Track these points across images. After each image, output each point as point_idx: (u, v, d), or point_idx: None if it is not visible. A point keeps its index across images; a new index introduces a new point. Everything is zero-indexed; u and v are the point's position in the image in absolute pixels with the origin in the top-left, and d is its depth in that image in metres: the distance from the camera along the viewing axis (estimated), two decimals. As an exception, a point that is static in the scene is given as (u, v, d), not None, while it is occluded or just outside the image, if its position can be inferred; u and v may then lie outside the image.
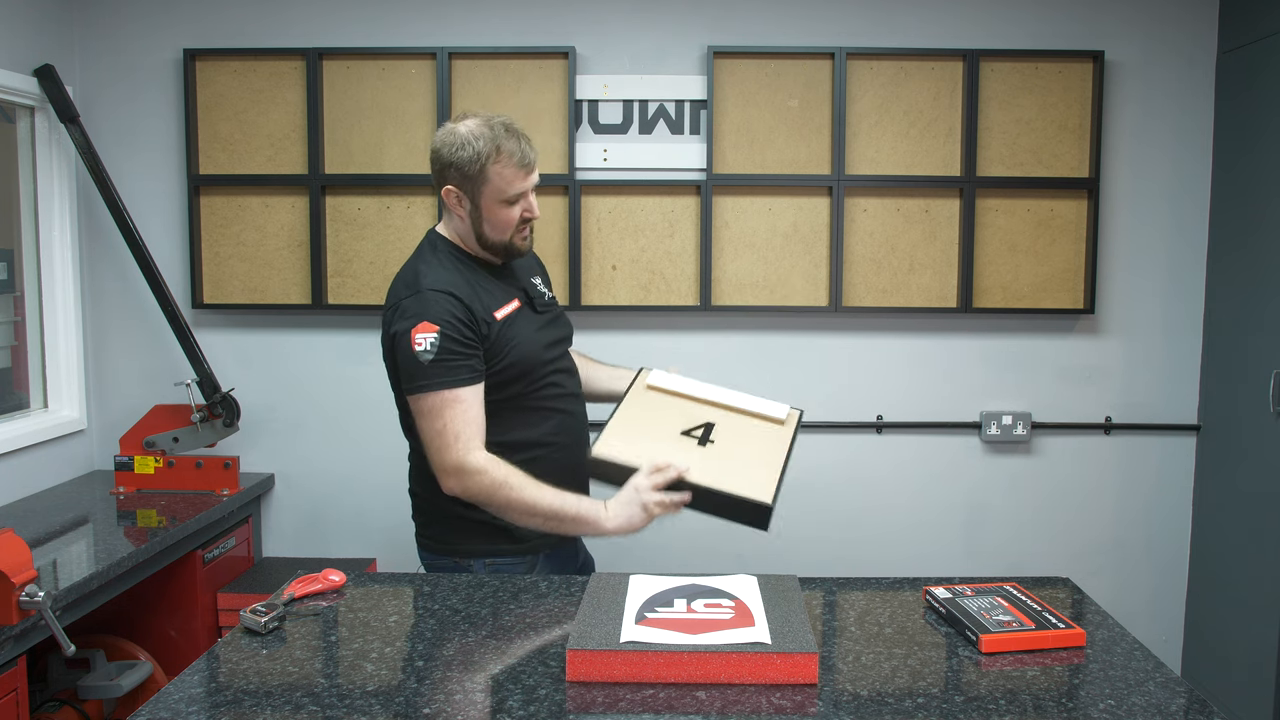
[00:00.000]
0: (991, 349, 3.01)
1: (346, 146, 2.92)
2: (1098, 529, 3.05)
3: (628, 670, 1.30)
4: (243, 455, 2.97)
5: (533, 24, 2.92)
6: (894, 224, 2.93)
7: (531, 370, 1.86)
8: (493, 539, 1.87)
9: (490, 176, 1.79)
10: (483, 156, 1.78)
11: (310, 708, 1.26)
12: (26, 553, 1.78)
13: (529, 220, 1.87)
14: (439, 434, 1.75)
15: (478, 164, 1.78)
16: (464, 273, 1.84)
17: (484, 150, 1.78)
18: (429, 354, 1.73)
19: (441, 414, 1.74)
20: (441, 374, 1.73)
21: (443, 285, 1.78)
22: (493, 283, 1.88)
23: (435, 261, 1.84)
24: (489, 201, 1.81)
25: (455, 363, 1.74)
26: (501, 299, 1.86)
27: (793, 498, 3.02)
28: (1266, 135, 2.69)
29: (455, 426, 1.74)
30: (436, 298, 1.76)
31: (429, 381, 1.74)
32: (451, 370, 1.74)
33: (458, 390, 1.74)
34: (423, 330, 1.73)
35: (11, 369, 2.85)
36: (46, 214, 2.87)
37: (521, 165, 1.80)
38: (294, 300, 2.97)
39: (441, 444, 1.75)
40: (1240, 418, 2.80)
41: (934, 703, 1.27)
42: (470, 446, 1.75)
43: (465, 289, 1.80)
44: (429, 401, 1.75)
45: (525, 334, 1.87)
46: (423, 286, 1.78)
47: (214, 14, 2.93)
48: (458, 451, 1.74)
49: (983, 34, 2.91)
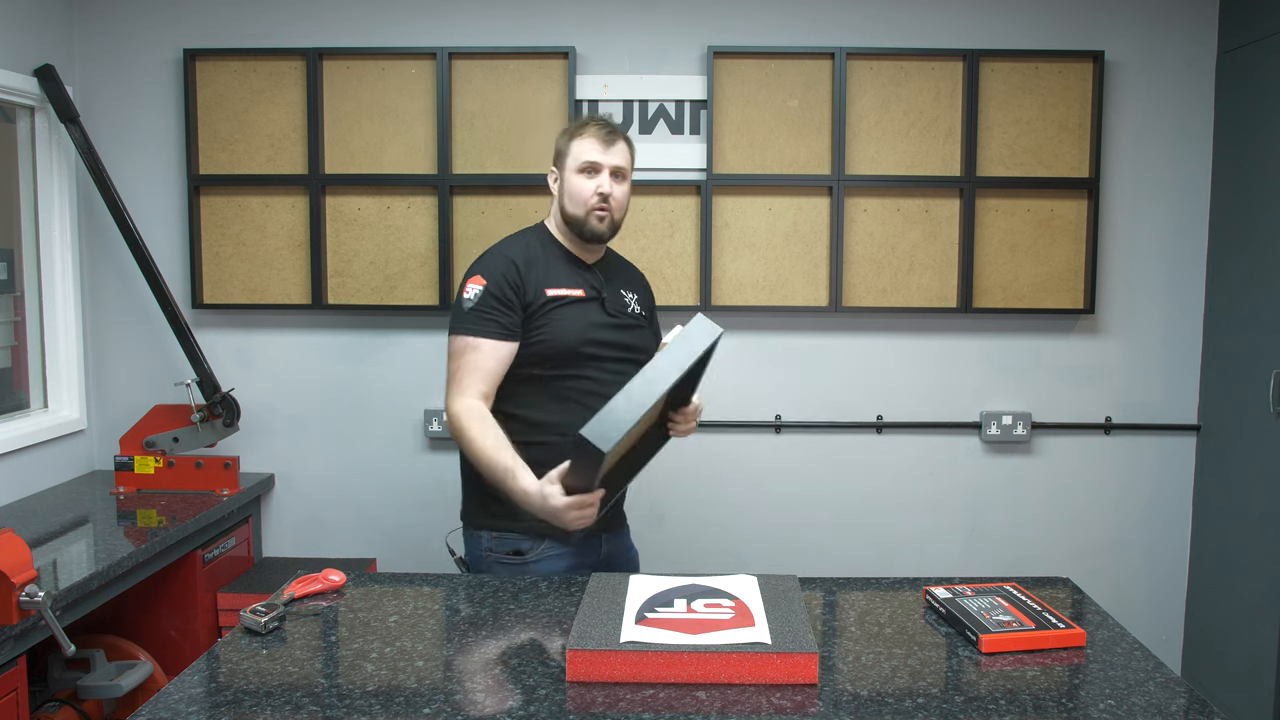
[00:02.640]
0: (991, 349, 3.01)
1: (346, 146, 2.92)
2: (1098, 529, 3.05)
3: (628, 670, 1.30)
4: (243, 455, 2.97)
5: (532, 24, 2.92)
6: (894, 224, 2.93)
7: (564, 356, 1.93)
8: (494, 513, 1.94)
9: (573, 148, 2.00)
10: (570, 132, 2.02)
11: (310, 708, 1.26)
12: (26, 553, 1.78)
13: (605, 198, 1.96)
14: (451, 374, 1.91)
15: (566, 137, 2.02)
16: (540, 249, 2.00)
17: (573, 127, 2.02)
18: (470, 302, 1.90)
19: (460, 356, 1.90)
20: (473, 321, 1.89)
21: (508, 250, 1.97)
22: (567, 267, 2.01)
23: (522, 235, 2.05)
24: (569, 172, 1.99)
25: (488, 315, 1.89)
26: (566, 282, 1.98)
27: (793, 498, 3.04)
28: (1266, 135, 2.69)
29: (462, 371, 1.89)
30: (496, 258, 1.95)
31: (461, 325, 1.91)
32: (482, 320, 1.89)
33: (479, 340, 1.89)
34: (474, 281, 1.92)
35: (11, 369, 2.85)
36: (46, 214, 2.87)
37: (598, 137, 1.97)
38: (294, 300, 2.97)
39: (451, 382, 1.91)
40: (1240, 418, 2.80)
41: (934, 703, 1.27)
42: (462, 390, 1.88)
43: (527, 257, 1.96)
44: (455, 344, 1.91)
45: (573, 322, 1.95)
46: (496, 249, 1.99)
47: (214, 14, 2.93)
48: (452, 393, 1.90)
49: (983, 34, 2.91)
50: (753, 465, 3.02)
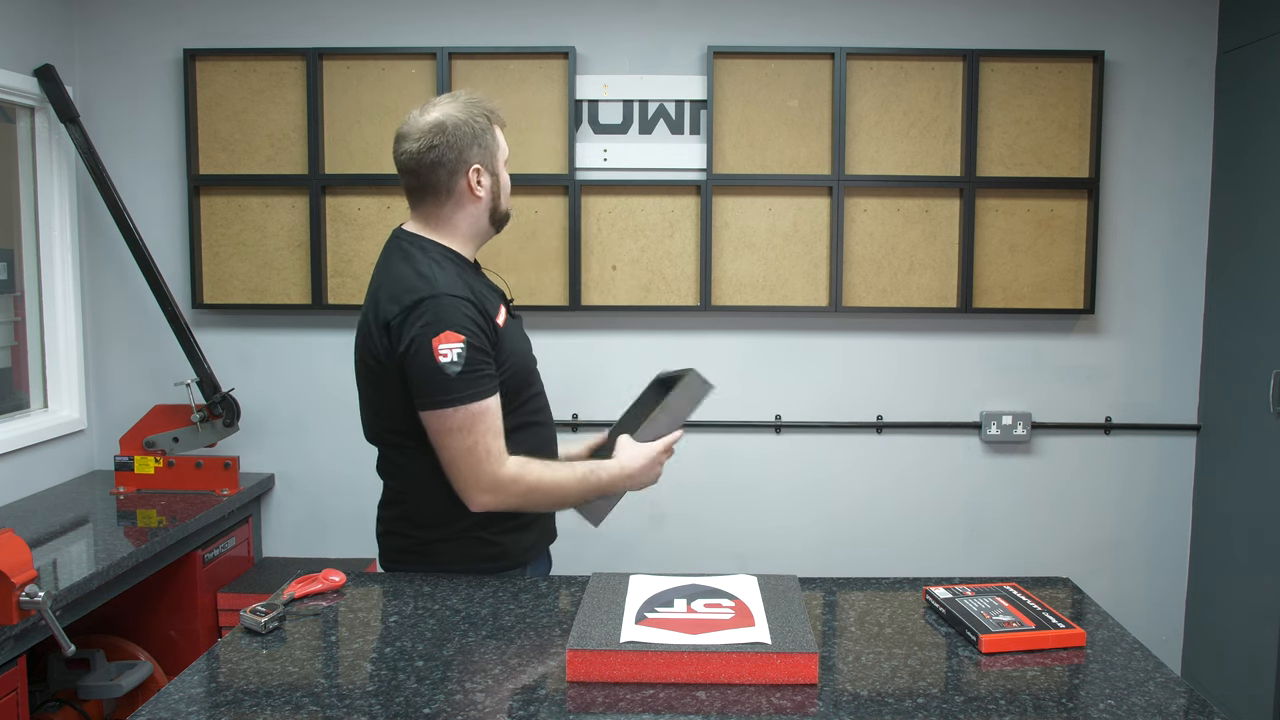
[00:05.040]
0: (991, 349, 3.01)
1: (346, 146, 2.92)
2: (1098, 529, 3.05)
3: (628, 670, 1.30)
4: (243, 455, 2.97)
5: (533, 24, 2.92)
6: (894, 224, 2.93)
7: (524, 380, 1.77)
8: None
9: (499, 139, 1.76)
10: (490, 116, 1.73)
11: (310, 708, 1.26)
12: (26, 553, 1.78)
13: None
14: (469, 451, 1.62)
15: (486, 125, 1.72)
16: (463, 275, 1.70)
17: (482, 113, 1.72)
18: (457, 365, 1.59)
19: (473, 429, 1.62)
20: (469, 386, 1.60)
21: (455, 289, 1.64)
22: (482, 285, 1.75)
23: (432, 263, 1.68)
24: (503, 166, 1.77)
25: (481, 372, 1.62)
26: (495, 302, 1.74)
27: (793, 498, 3.04)
28: (1266, 135, 2.69)
29: (486, 441, 1.63)
30: (454, 303, 1.61)
31: (457, 395, 1.60)
32: (478, 381, 1.62)
33: (485, 402, 1.63)
34: (446, 340, 1.59)
35: (11, 369, 2.85)
36: (46, 214, 2.87)
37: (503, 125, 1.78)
38: (294, 300, 2.97)
39: (474, 460, 1.63)
40: (1240, 418, 2.80)
41: (934, 703, 1.27)
42: (502, 459, 1.65)
43: (470, 292, 1.67)
44: (459, 417, 1.61)
45: (518, 341, 1.79)
46: (439, 290, 1.62)
47: (214, 14, 2.93)
48: (491, 467, 1.63)
49: (983, 34, 2.91)
50: (753, 465, 3.02)
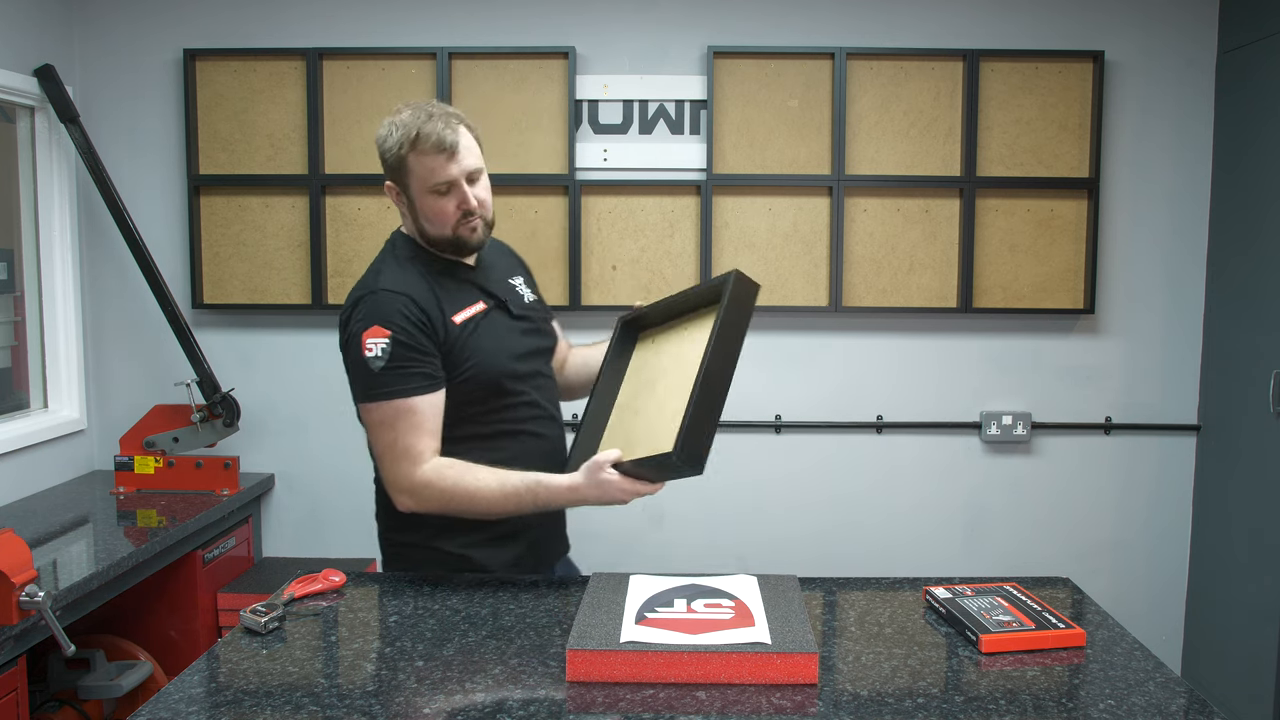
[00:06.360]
0: (991, 349, 3.01)
1: (346, 146, 2.92)
2: (1098, 529, 3.05)
3: (628, 670, 1.30)
4: (243, 455, 2.97)
5: (533, 24, 2.92)
6: (894, 224, 2.93)
7: (496, 385, 1.70)
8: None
9: (411, 165, 1.66)
10: (403, 144, 1.65)
11: (310, 708, 1.26)
12: (26, 553, 1.78)
13: (470, 212, 1.68)
14: (389, 448, 1.63)
15: (400, 152, 1.66)
16: (423, 273, 1.70)
17: (402, 138, 1.65)
18: (380, 360, 1.60)
19: (394, 426, 1.61)
20: (392, 381, 1.61)
21: (397, 285, 1.66)
22: (455, 283, 1.73)
23: (393, 261, 1.72)
24: (418, 193, 1.68)
25: (407, 369, 1.61)
26: (463, 301, 1.71)
27: (793, 497, 3.04)
28: (1266, 135, 2.69)
29: (408, 440, 1.61)
30: (390, 298, 1.64)
31: (377, 390, 1.61)
32: (404, 378, 1.61)
33: (411, 400, 1.61)
34: (374, 335, 1.61)
35: (11, 369, 2.85)
36: (46, 214, 2.87)
37: (440, 149, 1.63)
38: (294, 300, 2.97)
39: (392, 459, 1.63)
40: (1240, 418, 2.80)
41: (934, 703, 1.27)
42: (419, 460, 1.62)
43: (422, 289, 1.67)
44: (380, 412, 1.62)
45: (491, 343, 1.71)
46: (377, 286, 1.66)
47: (214, 14, 2.93)
48: (406, 467, 1.62)
49: (983, 34, 2.91)
50: (753, 465, 3.02)
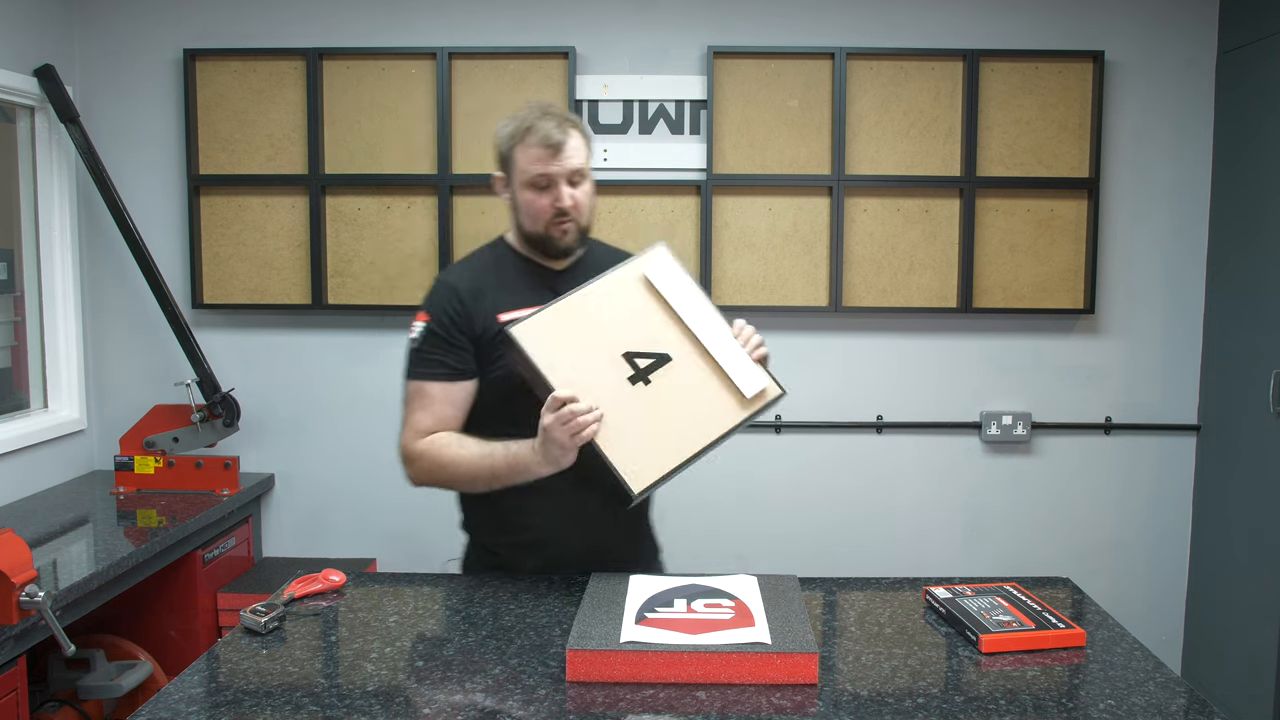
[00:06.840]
0: (991, 349, 3.01)
1: (346, 146, 2.92)
2: (1098, 529, 3.05)
3: (628, 670, 1.30)
4: (243, 455, 2.97)
5: (533, 24, 2.92)
6: (894, 224, 2.93)
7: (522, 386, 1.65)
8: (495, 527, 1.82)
9: (517, 158, 1.72)
10: (514, 137, 1.71)
11: (310, 708, 1.26)
12: (26, 553, 1.78)
13: (564, 211, 1.71)
14: (404, 421, 1.76)
15: (509, 144, 1.73)
16: (494, 269, 1.78)
17: (514, 131, 1.71)
18: (415, 341, 1.73)
19: (410, 402, 1.75)
20: (417, 364, 1.73)
21: (453, 277, 1.78)
22: (527, 282, 1.76)
23: (475, 254, 1.84)
24: (519, 186, 1.73)
25: (432, 356, 1.72)
26: (523, 300, 1.71)
27: (793, 497, 3.04)
28: (1266, 135, 2.69)
29: (415, 417, 1.73)
30: (440, 288, 1.76)
31: (409, 369, 1.75)
32: (425, 363, 1.72)
33: (424, 384, 1.72)
34: (419, 318, 1.74)
35: (11, 369, 2.85)
36: (46, 214, 2.87)
37: (545, 145, 1.68)
38: (294, 300, 2.97)
39: (402, 431, 1.75)
40: (1240, 418, 2.80)
41: (934, 703, 1.27)
42: (418, 433, 1.73)
43: (475, 283, 1.74)
44: (406, 390, 1.76)
45: None
46: (442, 275, 1.81)
47: (214, 14, 2.93)
48: (406, 438, 1.74)
49: (983, 34, 2.91)
50: (753, 465, 3.02)
